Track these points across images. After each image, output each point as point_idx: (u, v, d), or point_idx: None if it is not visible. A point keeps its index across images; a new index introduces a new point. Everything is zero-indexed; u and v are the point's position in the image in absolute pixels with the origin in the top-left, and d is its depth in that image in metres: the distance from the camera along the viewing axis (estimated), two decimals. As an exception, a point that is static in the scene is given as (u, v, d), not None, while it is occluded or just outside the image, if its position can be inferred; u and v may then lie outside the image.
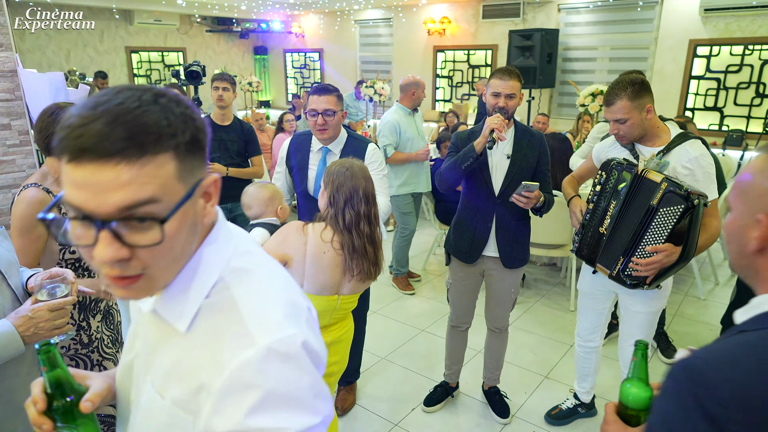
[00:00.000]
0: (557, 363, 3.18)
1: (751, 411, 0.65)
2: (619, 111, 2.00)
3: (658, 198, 1.90)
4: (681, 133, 2.07)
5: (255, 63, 10.73)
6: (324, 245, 1.78)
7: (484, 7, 7.32)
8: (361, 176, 1.82)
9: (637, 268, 1.97)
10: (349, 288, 1.88)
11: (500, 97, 2.24)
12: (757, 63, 5.62)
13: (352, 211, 1.78)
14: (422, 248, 5.09)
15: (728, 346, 0.72)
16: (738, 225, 0.82)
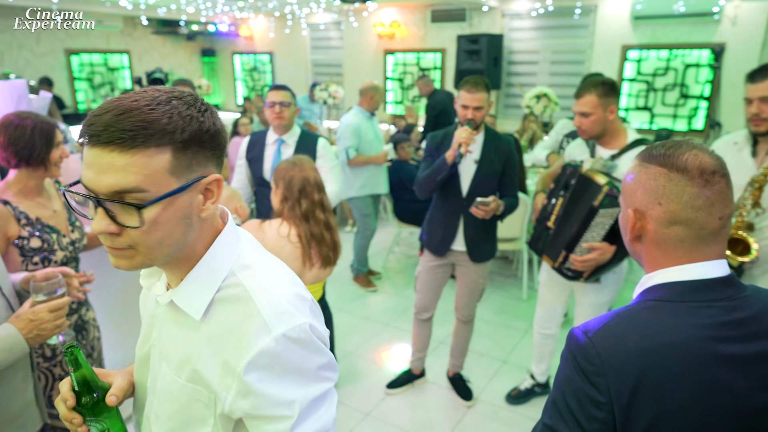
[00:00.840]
0: (514, 348, 3.41)
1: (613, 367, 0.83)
2: (586, 105, 2.17)
3: (600, 200, 2.03)
4: (636, 140, 2.25)
5: (203, 66, 10.55)
6: (281, 240, 1.87)
7: (432, 11, 7.56)
8: (309, 168, 1.95)
9: (574, 263, 2.16)
10: (312, 277, 1.96)
11: (469, 109, 2.40)
12: (681, 67, 6.13)
13: (307, 200, 1.90)
14: (381, 247, 5.24)
15: (608, 317, 0.91)
16: (622, 220, 0.99)
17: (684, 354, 0.82)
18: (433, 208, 2.68)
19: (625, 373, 0.83)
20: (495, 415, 2.76)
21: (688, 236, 0.88)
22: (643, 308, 0.89)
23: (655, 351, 0.83)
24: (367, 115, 4.15)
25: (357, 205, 4.26)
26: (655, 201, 0.89)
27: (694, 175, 0.87)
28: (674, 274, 0.89)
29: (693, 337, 0.83)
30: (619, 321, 0.88)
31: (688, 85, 6.14)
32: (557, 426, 0.88)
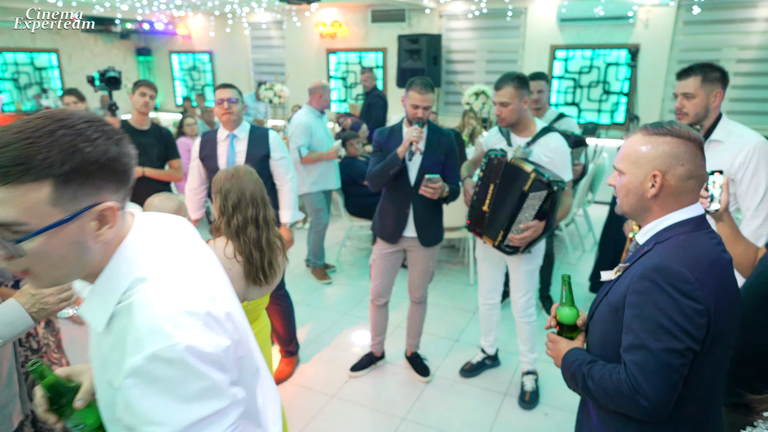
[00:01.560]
0: (465, 328, 3.68)
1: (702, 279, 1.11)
2: (505, 95, 2.50)
3: (529, 185, 2.37)
4: (544, 128, 2.62)
5: (138, 65, 10.23)
6: (228, 262, 1.80)
7: (372, 11, 7.76)
8: (247, 180, 1.86)
9: (513, 240, 2.49)
10: (255, 293, 1.90)
11: (419, 108, 2.60)
12: (603, 65, 6.67)
13: (239, 216, 1.83)
14: (334, 241, 5.39)
15: (663, 252, 1.16)
16: (636, 182, 1.22)
17: (721, 263, 1.17)
18: (383, 199, 2.88)
19: (708, 284, 1.11)
20: (450, 388, 3.01)
21: (696, 187, 1.20)
22: (685, 239, 1.18)
23: (713, 264, 1.15)
24: (317, 113, 4.29)
25: (309, 201, 4.39)
26: (678, 162, 1.17)
27: (698, 144, 1.19)
28: (682, 214, 1.20)
29: (719, 251, 1.18)
30: (682, 251, 1.15)
31: (610, 82, 6.69)
32: (671, 344, 1.10)
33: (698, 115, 2.16)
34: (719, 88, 2.14)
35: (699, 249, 1.16)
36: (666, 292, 1.11)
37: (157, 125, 3.54)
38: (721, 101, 2.17)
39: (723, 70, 2.17)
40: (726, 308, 1.14)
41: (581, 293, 4.18)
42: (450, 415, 2.78)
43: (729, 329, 1.17)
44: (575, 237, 5.38)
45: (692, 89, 2.14)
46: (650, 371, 1.12)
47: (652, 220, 1.24)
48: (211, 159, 2.93)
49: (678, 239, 1.18)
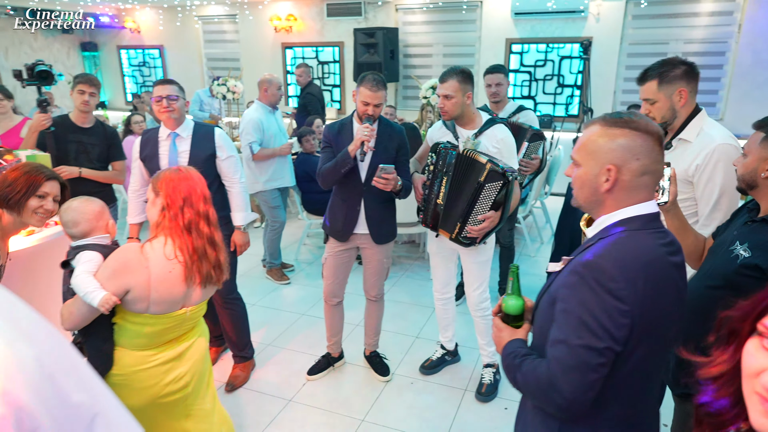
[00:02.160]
0: (425, 324, 3.64)
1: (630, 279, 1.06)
2: (448, 88, 2.48)
3: (485, 176, 2.38)
4: (489, 119, 2.61)
5: (83, 61, 9.76)
6: (169, 263, 1.68)
7: (327, 5, 7.62)
8: (195, 177, 1.77)
9: (471, 231, 2.48)
10: (197, 297, 1.81)
11: (370, 106, 2.53)
12: (557, 59, 6.76)
13: (191, 210, 1.72)
14: (292, 239, 5.27)
15: (601, 247, 1.13)
16: (591, 175, 1.19)
17: (659, 264, 1.12)
18: (333, 195, 2.80)
19: (636, 284, 1.07)
20: (411, 386, 2.97)
21: (650, 182, 1.16)
22: (627, 236, 1.14)
23: (647, 264, 1.10)
24: (269, 109, 4.15)
25: (264, 199, 4.26)
26: (633, 157, 1.13)
27: (656, 138, 1.14)
28: (632, 211, 1.16)
29: (660, 252, 1.13)
30: (617, 248, 1.12)
31: (564, 75, 6.78)
32: (590, 342, 1.07)
33: (665, 117, 1.99)
34: (682, 85, 1.94)
35: (637, 247, 1.12)
36: (591, 288, 1.08)
37: (102, 123, 3.34)
38: (690, 97, 1.96)
39: (685, 63, 1.96)
40: (658, 311, 1.10)
41: (540, 285, 4.21)
42: (409, 414, 2.73)
43: (660, 332, 1.13)
44: (533, 229, 5.44)
45: (651, 95, 1.98)
46: (568, 367, 1.09)
47: (603, 214, 1.21)
48: (153, 159, 2.73)
49: (620, 236, 1.14)
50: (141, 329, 1.72)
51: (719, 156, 1.89)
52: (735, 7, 5.87)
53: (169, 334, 1.79)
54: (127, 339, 1.74)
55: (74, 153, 3.16)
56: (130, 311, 1.70)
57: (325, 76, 8.11)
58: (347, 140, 2.64)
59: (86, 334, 1.73)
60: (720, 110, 6.19)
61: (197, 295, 1.80)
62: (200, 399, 1.94)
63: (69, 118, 3.21)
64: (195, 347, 1.90)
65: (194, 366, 1.89)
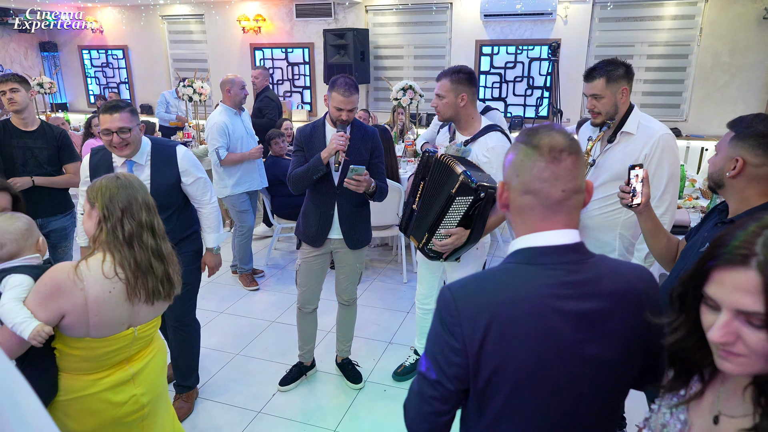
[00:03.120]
0: (398, 329, 3.59)
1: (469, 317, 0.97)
2: (441, 87, 2.42)
3: (456, 188, 2.18)
4: (487, 126, 2.50)
5: (43, 61, 9.40)
6: (108, 283, 1.53)
7: (296, 6, 7.52)
8: (137, 185, 1.63)
9: (435, 245, 2.35)
10: (144, 315, 1.66)
11: (343, 111, 2.46)
12: (526, 60, 6.81)
13: (132, 222, 1.56)
14: (263, 244, 5.16)
15: (473, 277, 1.05)
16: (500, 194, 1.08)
17: (526, 306, 0.95)
18: (306, 200, 2.72)
19: (476, 323, 0.96)
20: (383, 394, 2.91)
21: (536, 204, 0.99)
22: (502, 269, 1.03)
23: (501, 303, 0.96)
24: (234, 111, 4.03)
25: (232, 203, 4.15)
26: (515, 173, 1.02)
27: (544, 152, 0.98)
28: (530, 240, 1.01)
29: (536, 293, 0.96)
30: (479, 280, 1.03)
31: (534, 77, 6.84)
32: (426, 371, 1.03)
33: (608, 113, 2.21)
34: (624, 84, 2.19)
35: (498, 283, 1.00)
36: (436, 316, 1.02)
37: (47, 125, 3.16)
38: (629, 95, 2.23)
39: (626, 65, 2.22)
40: (520, 359, 0.95)
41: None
42: (382, 422, 2.68)
43: (538, 383, 0.97)
44: (506, 231, 5.45)
45: (599, 90, 2.19)
46: (412, 391, 1.07)
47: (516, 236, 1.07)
48: None
49: (501, 268, 1.04)
50: (84, 353, 1.57)
51: (663, 145, 2.14)
52: (696, 11, 6.02)
53: (116, 356, 1.64)
54: (70, 364, 1.59)
55: (21, 159, 2.99)
56: (68, 337, 1.54)
57: (295, 78, 8.00)
58: (319, 143, 2.57)
59: (24, 363, 1.55)
60: (684, 111, 6.34)
61: (145, 312, 1.65)
62: (160, 419, 1.81)
63: (10, 123, 3.02)
64: (151, 367, 1.76)
65: (151, 387, 1.76)
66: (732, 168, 1.42)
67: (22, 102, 2.97)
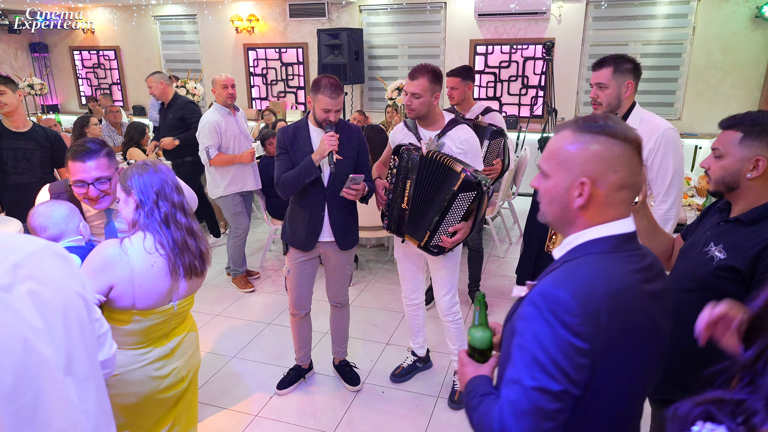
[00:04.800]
0: (395, 330, 3.57)
1: (592, 313, 0.92)
2: (418, 87, 2.41)
3: (459, 185, 2.28)
4: (452, 119, 2.56)
5: (33, 62, 9.31)
6: (150, 257, 1.65)
7: (290, 6, 7.48)
8: (164, 169, 1.74)
9: (444, 242, 2.42)
10: (183, 290, 1.79)
11: (331, 112, 2.44)
12: (521, 60, 6.81)
13: (166, 203, 1.68)
14: (258, 245, 5.13)
15: (562, 273, 0.99)
16: (561, 188, 1.02)
17: (630, 295, 0.97)
18: (292, 203, 2.68)
19: (599, 318, 0.93)
20: (381, 396, 2.88)
21: (629, 198, 1.01)
22: (593, 261, 0.99)
23: (614, 295, 0.95)
24: (226, 110, 3.99)
25: (226, 205, 4.11)
26: (611, 169, 0.98)
27: (634, 146, 1.00)
28: (603, 230, 1.01)
29: (633, 280, 0.99)
30: (579, 275, 0.97)
31: (528, 76, 6.84)
32: (546, 384, 0.92)
33: (611, 104, 2.23)
34: (630, 78, 2.20)
35: (603, 275, 0.97)
36: (548, 321, 0.93)
37: (40, 127, 3.12)
38: (633, 91, 2.23)
39: (635, 62, 2.23)
40: (629, 348, 0.97)
41: (508, 286, 4.20)
42: (380, 424, 2.65)
43: (636, 371, 0.99)
44: (501, 230, 5.44)
45: (605, 80, 2.21)
46: (520, 411, 0.94)
47: (572, 233, 1.05)
48: None
49: (586, 260, 0.99)
50: (130, 326, 1.70)
51: (667, 139, 2.14)
52: (689, 9, 6.04)
53: (158, 330, 1.77)
54: (116, 338, 1.67)
55: (12, 161, 2.95)
56: (116, 309, 1.66)
57: (289, 78, 7.96)
58: (303, 145, 2.54)
59: None
60: (677, 110, 6.36)
61: (183, 288, 1.77)
62: (194, 397, 2.02)
63: (1, 124, 2.98)
64: (187, 342, 1.91)
65: (189, 361, 1.92)
66: (752, 168, 1.38)
67: (10, 104, 2.93)
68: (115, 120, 6.03)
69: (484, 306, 1.20)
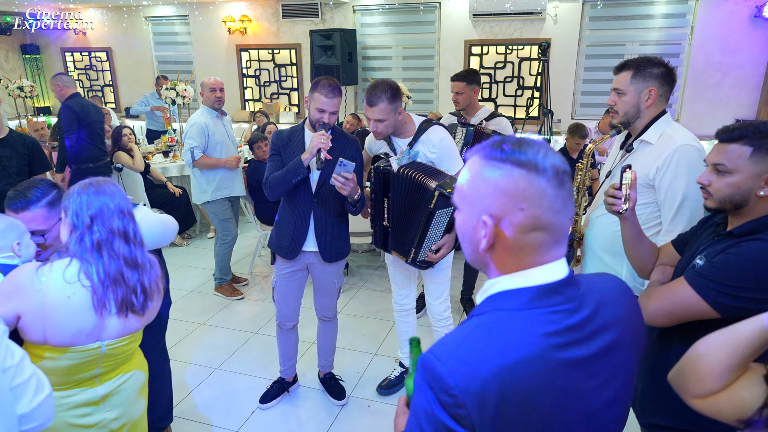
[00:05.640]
0: (384, 339, 3.47)
1: (472, 394, 0.74)
2: (380, 113, 2.29)
3: (434, 202, 2.22)
4: (422, 123, 2.45)
5: (24, 64, 9.21)
6: (68, 288, 1.46)
7: (283, 6, 7.38)
8: (109, 191, 1.54)
9: (431, 257, 2.37)
10: (116, 329, 1.55)
11: (325, 113, 2.34)
12: (516, 60, 6.71)
13: (103, 228, 1.49)
14: (247, 251, 5.03)
15: (457, 335, 0.81)
16: (468, 226, 0.87)
17: (537, 367, 0.77)
18: (280, 209, 2.60)
19: (485, 398, 0.75)
20: (367, 410, 2.79)
21: (546, 241, 0.82)
22: (492, 321, 0.82)
23: (510, 369, 0.76)
24: (214, 114, 3.90)
25: (214, 210, 4.01)
26: (515, 206, 0.81)
27: (551, 176, 0.80)
28: (519, 280, 0.83)
29: (543, 348, 0.78)
30: (471, 341, 0.79)
31: (524, 77, 6.74)
32: None
33: (627, 114, 1.90)
34: (654, 85, 1.85)
35: (497, 344, 0.78)
36: (426, 396, 0.78)
37: (17, 134, 3.03)
38: (658, 100, 1.87)
39: (666, 66, 1.87)
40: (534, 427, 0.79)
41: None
42: (366, 442, 2.56)
43: None
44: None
45: (622, 85, 1.90)
46: None
47: (491, 276, 0.88)
48: None
49: (487, 320, 0.82)
50: (43, 363, 1.49)
51: (680, 157, 1.79)
52: (687, 9, 5.94)
53: (81, 371, 1.55)
54: None
55: None
56: (29, 341, 1.49)
57: (282, 80, 7.86)
58: (297, 149, 2.45)
59: None
60: (676, 111, 6.26)
61: (116, 327, 1.54)
62: None
63: None
64: (126, 389, 1.66)
65: (125, 412, 1.67)
66: (764, 185, 1.26)
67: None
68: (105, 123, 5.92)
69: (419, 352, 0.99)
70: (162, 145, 5.99)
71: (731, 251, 1.28)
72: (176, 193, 5.14)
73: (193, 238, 5.45)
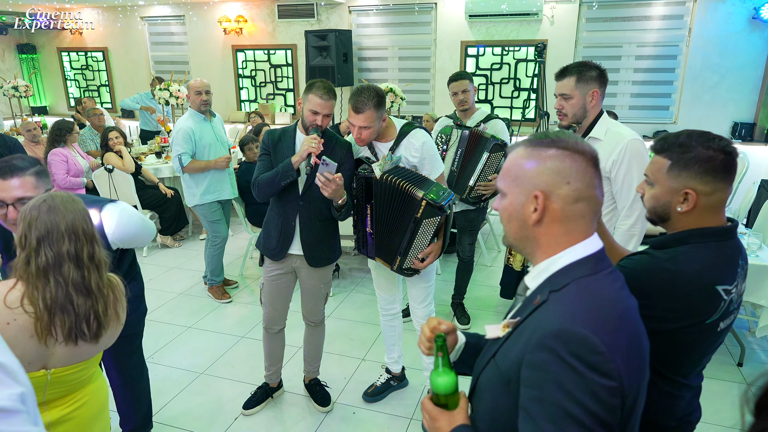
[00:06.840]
0: (373, 344, 3.43)
1: (614, 346, 0.84)
2: (366, 120, 2.24)
3: (421, 212, 2.22)
4: (403, 126, 2.42)
5: (21, 63, 9.19)
6: (9, 313, 1.34)
7: (278, 6, 7.35)
8: (64, 209, 1.40)
9: (417, 265, 2.36)
10: (64, 357, 1.44)
11: (319, 115, 2.30)
12: (512, 62, 6.67)
13: (50, 252, 1.37)
14: (238, 253, 4.99)
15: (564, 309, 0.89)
16: (517, 205, 0.99)
17: (630, 313, 0.93)
18: (269, 210, 2.56)
19: (620, 346, 0.85)
20: (352, 417, 2.74)
21: (587, 212, 0.96)
22: (582, 287, 0.92)
23: (623, 320, 0.89)
24: (202, 117, 3.85)
25: (202, 212, 3.98)
26: (563, 180, 0.95)
27: (588, 158, 0.96)
28: (578, 252, 0.96)
29: (624, 297, 0.94)
30: (584, 306, 0.89)
31: (520, 78, 6.70)
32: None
33: (576, 115, 2.15)
34: (595, 87, 2.11)
35: (604, 299, 0.90)
36: (570, 366, 0.82)
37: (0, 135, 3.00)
38: (600, 100, 2.13)
39: (600, 69, 2.12)
40: (638, 374, 0.89)
41: (493, 297, 4.06)
42: (349, 450, 2.51)
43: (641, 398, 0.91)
44: (490, 238, 5.30)
45: (568, 90, 2.13)
46: None
47: (541, 258, 0.99)
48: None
49: (577, 286, 0.92)
50: None
51: (632, 151, 2.05)
52: (685, 11, 5.89)
53: None
54: None
55: None
56: None
57: (278, 80, 7.82)
58: (287, 149, 2.41)
59: None
60: (673, 113, 6.21)
61: (64, 354, 1.43)
62: None
63: None
64: (78, 418, 1.55)
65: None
66: (682, 201, 1.22)
67: None
68: (98, 123, 5.88)
69: (445, 349, 1.07)
70: (155, 146, 5.96)
71: (627, 260, 1.32)
72: (168, 195, 5.10)
73: (185, 239, 5.41)
